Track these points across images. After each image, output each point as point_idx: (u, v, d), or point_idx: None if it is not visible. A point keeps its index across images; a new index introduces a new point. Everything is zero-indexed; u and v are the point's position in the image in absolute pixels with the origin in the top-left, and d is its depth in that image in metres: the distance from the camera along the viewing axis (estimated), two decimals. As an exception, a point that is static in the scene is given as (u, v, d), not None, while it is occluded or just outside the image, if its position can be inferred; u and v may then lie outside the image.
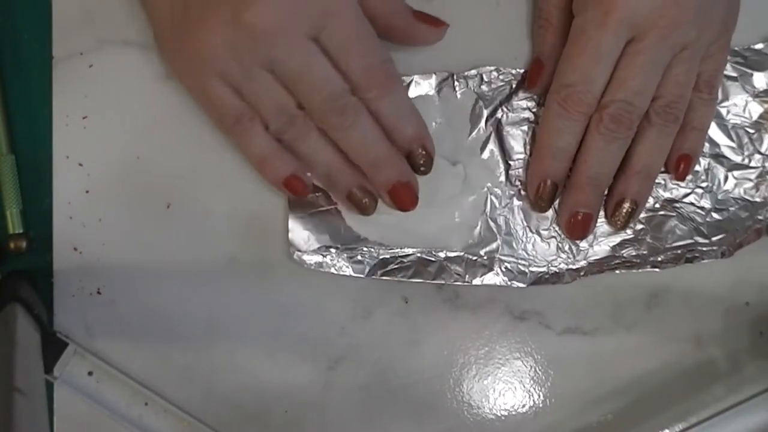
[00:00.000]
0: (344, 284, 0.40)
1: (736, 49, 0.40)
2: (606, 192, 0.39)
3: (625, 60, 0.36)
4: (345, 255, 0.39)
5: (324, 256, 0.39)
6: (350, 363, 0.40)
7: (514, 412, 0.41)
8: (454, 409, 0.41)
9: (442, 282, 0.39)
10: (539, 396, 0.41)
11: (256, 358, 0.40)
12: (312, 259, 0.39)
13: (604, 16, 0.35)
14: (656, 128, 0.37)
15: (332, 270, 0.39)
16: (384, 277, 0.39)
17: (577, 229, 0.39)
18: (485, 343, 0.41)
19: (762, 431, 0.37)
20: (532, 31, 0.40)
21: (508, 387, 0.41)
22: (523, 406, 0.41)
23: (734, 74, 0.40)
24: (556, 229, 0.40)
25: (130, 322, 0.39)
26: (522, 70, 0.40)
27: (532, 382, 0.41)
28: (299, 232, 0.39)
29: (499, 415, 0.41)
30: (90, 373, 0.39)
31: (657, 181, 0.40)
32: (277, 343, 0.40)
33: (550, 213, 0.40)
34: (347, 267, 0.39)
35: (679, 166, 0.38)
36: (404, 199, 0.37)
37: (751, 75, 0.40)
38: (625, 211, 0.38)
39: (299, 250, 0.39)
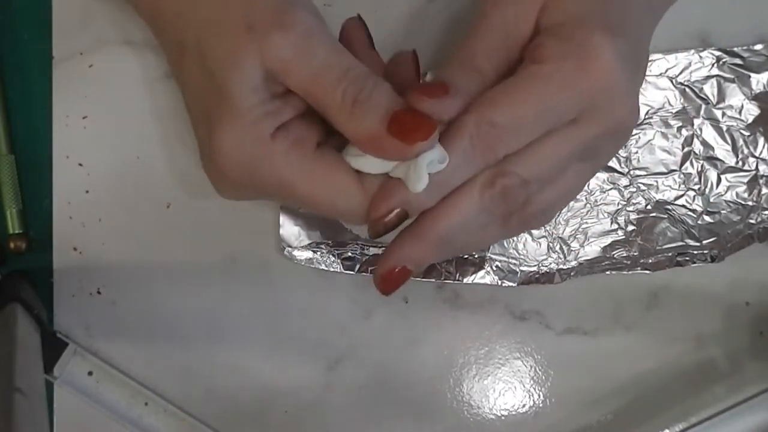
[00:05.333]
0: (344, 284, 0.40)
1: (735, 49, 0.40)
2: None
3: (557, 137, 0.30)
4: (336, 252, 0.39)
5: (315, 253, 0.39)
6: (350, 363, 0.40)
7: (514, 412, 0.41)
8: (454, 409, 0.41)
9: (433, 280, 0.39)
10: (539, 396, 0.41)
11: (256, 358, 0.40)
12: (302, 255, 0.39)
13: (579, 76, 0.29)
14: (481, 208, 0.31)
15: (322, 266, 0.39)
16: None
17: (391, 283, 0.32)
18: (485, 343, 0.41)
19: (762, 431, 0.37)
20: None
21: (508, 387, 0.41)
22: (523, 406, 0.41)
23: (731, 75, 0.40)
24: (547, 229, 0.40)
25: (130, 322, 0.39)
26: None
27: (532, 382, 0.41)
28: (290, 228, 0.39)
29: (499, 415, 0.41)
30: (90, 373, 0.39)
31: (649, 182, 0.40)
32: (277, 343, 0.40)
33: None
34: (338, 264, 0.39)
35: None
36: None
37: (749, 77, 0.40)
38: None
39: (290, 246, 0.39)
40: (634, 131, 0.39)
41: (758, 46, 0.40)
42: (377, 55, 0.35)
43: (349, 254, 0.39)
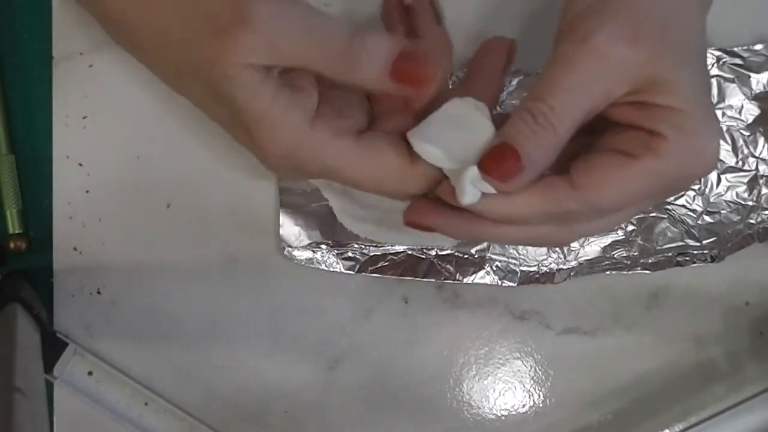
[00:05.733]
0: (344, 284, 0.40)
1: (735, 50, 0.40)
2: None
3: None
4: (335, 251, 0.39)
5: (314, 252, 0.39)
6: (350, 363, 0.40)
7: (514, 412, 0.41)
8: (454, 409, 0.41)
9: (432, 280, 0.39)
10: (539, 396, 0.41)
11: (256, 358, 0.40)
12: (302, 255, 0.39)
13: (690, 170, 0.29)
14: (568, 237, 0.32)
15: (322, 266, 0.39)
16: (374, 274, 0.39)
17: (416, 227, 0.32)
18: (485, 343, 0.41)
19: (762, 431, 0.37)
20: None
21: (508, 387, 0.41)
22: (523, 406, 0.41)
23: (731, 76, 0.40)
24: None
25: (130, 322, 0.39)
26: (515, 70, 0.39)
27: (532, 382, 0.41)
28: (290, 228, 0.39)
29: (499, 415, 0.41)
30: (90, 373, 0.39)
31: None
32: (277, 343, 0.40)
33: None
34: (337, 263, 0.39)
35: None
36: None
37: (749, 77, 0.40)
38: None
39: (290, 246, 0.39)
40: None
41: (758, 46, 0.40)
42: (443, 33, 0.35)
43: (349, 254, 0.39)
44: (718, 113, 0.40)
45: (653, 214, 0.40)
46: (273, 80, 0.29)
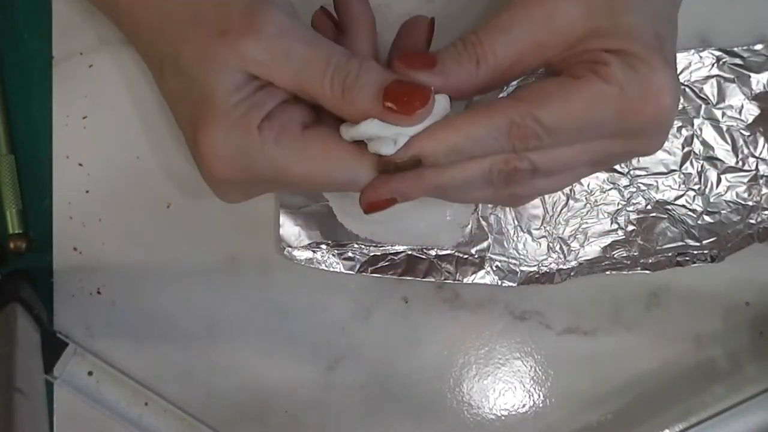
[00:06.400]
0: (344, 284, 0.40)
1: (735, 50, 0.40)
2: None
3: (585, 145, 0.31)
4: (335, 251, 0.39)
5: (314, 253, 0.39)
6: (350, 363, 0.40)
7: (514, 412, 0.41)
8: (454, 409, 0.41)
9: (432, 280, 0.39)
10: (539, 396, 0.41)
11: (256, 358, 0.40)
12: (302, 255, 0.39)
13: (640, 107, 0.30)
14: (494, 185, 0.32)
15: (322, 266, 0.39)
16: (374, 274, 0.39)
17: (376, 207, 0.33)
18: (485, 343, 0.41)
19: (762, 431, 0.37)
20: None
21: (508, 387, 0.41)
22: (523, 406, 0.41)
23: (731, 75, 0.40)
24: (548, 228, 0.40)
25: (130, 322, 0.40)
26: None
27: (532, 382, 0.41)
28: (290, 228, 0.39)
29: (499, 415, 0.41)
30: (90, 373, 0.39)
31: (649, 182, 0.40)
32: (278, 343, 0.40)
33: (541, 212, 0.40)
34: (338, 263, 0.39)
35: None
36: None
37: (749, 77, 0.40)
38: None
39: (290, 246, 0.39)
40: None
41: (758, 46, 0.40)
42: (365, 8, 0.34)
43: (349, 254, 0.39)
44: (718, 113, 0.40)
45: (653, 214, 0.40)
46: (250, 87, 0.30)
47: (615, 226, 0.40)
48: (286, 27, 0.30)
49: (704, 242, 0.40)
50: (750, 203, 0.40)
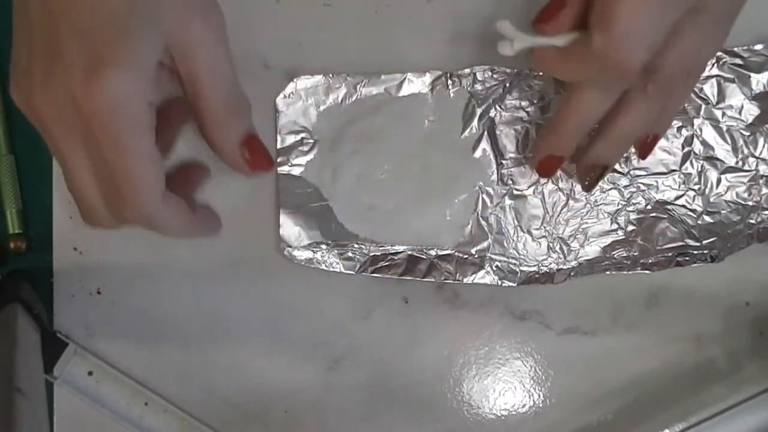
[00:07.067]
0: (344, 284, 0.40)
1: (735, 49, 0.40)
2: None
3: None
4: (335, 251, 0.39)
5: (314, 253, 0.39)
6: (350, 363, 0.40)
7: (514, 412, 0.41)
8: (454, 409, 0.41)
9: (432, 280, 0.39)
10: (539, 396, 0.41)
11: (256, 358, 0.40)
12: (302, 255, 0.39)
13: None
14: (649, 101, 0.34)
15: (322, 266, 0.39)
16: (374, 274, 0.39)
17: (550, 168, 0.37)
18: (485, 343, 0.41)
19: (762, 431, 0.37)
20: None
21: (508, 387, 0.41)
22: (523, 406, 0.41)
23: (731, 76, 0.40)
24: (548, 228, 0.40)
25: (130, 322, 0.40)
26: (515, 70, 0.39)
27: (532, 382, 0.41)
28: (290, 228, 0.39)
29: (499, 415, 0.41)
30: (90, 373, 0.39)
31: (649, 182, 0.40)
32: (277, 343, 0.40)
33: (541, 212, 0.40)
34: (338, 263, 0.39)
35: (646, 144, 0.37)
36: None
37: (749, 77, 0.40)
38: (597, 173, 0.37)
39: (290, 246, 0.39)
40: None
41: (758, 46, 0.40)
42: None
43: (349, 254, 0.39)
44: (718, 113, 0.40)
45: (653, 214, 0.40)
46: (157, 62, 0.30)
47: (615, 226, 0.40)
48: (224, 34, 0.32)
49: (704, 242, 0.40)
50: (750, 203, 0.40)
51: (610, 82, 0.33)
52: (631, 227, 0.40)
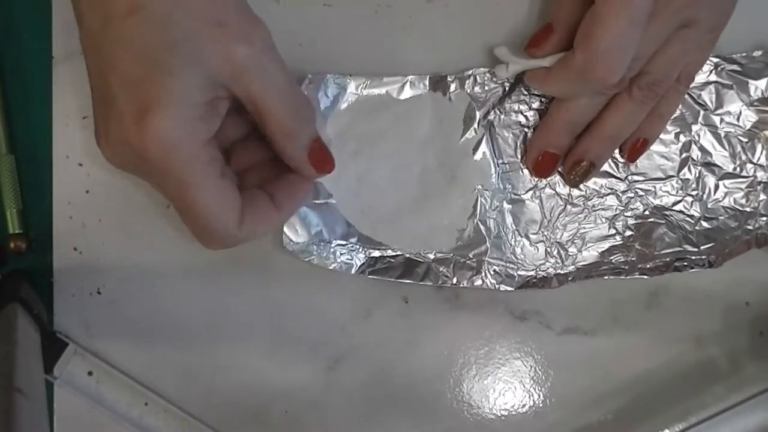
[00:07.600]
0: (344, 284, 0.40)
1: (733, 56, 0.40)
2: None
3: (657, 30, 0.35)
4: (336, 250, 0.39)
5: (314, 251, 0.39)
6: (350, 363, 0.40)
7: (514, 412, 0.41)
8: (454, 409, 0.41)
9: (430, 284, 0.39)
10: (539, 396, 0.41)
11: (256, 358, 0.40)
12: (302, 253, 0.39)
13: None
14: (635, 103, 0.37)
15: (322, 266, 0.39)
16: (371, 276, 0.39)
17: (544, 168, 0.39)
18: (485, 343, 0.41)
19: (762, 431, 0.37)
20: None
21: (508, 387, 0.41)
22: (523, 406, 0.41)
23: (729, 82, 0.40)
24: (545, 233, 0.40)
25: (130, 322, 0.39)
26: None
27: (532, 382, 0.41)
28: (290, 226, 0.39)
29: (499, 415, 0.41)
30: (90, 373, 0.39)
31: (647, 188, 0.40)
32: (277, 343, 0.40)
33: (539, 217, 0.40)
34: (338, 264, 0.39)
35: (635, 147, 0.39)
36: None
37: (747, 83, 0.40)
38: (582, 169, 0.38)
39: (291, 241, 0.39)
40: None
41: (756, 53, 0.40)
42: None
43: (349, 254, 0.39)
44: (716, 119, 0.40)
45: (651, 220, 0.40)
46: (208, 93, 0.31)
47: (613, 231, 0.40)
48: (272, 47, 0.32)
49: (702, 248, 0.40)
50: (748, 209, 0.40)
51: (595, 93, 0.36)
52: (629, 232, 0.40)
